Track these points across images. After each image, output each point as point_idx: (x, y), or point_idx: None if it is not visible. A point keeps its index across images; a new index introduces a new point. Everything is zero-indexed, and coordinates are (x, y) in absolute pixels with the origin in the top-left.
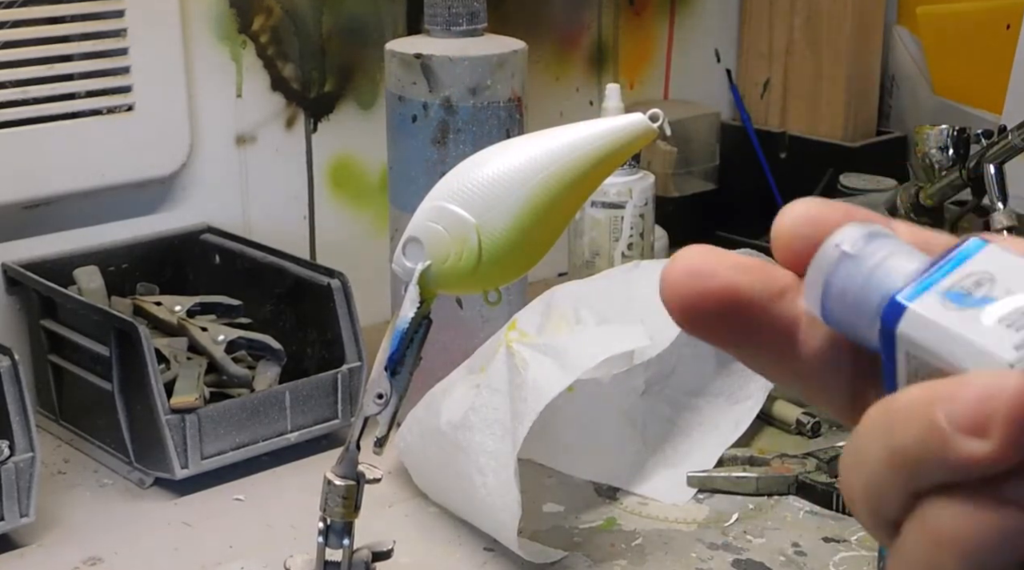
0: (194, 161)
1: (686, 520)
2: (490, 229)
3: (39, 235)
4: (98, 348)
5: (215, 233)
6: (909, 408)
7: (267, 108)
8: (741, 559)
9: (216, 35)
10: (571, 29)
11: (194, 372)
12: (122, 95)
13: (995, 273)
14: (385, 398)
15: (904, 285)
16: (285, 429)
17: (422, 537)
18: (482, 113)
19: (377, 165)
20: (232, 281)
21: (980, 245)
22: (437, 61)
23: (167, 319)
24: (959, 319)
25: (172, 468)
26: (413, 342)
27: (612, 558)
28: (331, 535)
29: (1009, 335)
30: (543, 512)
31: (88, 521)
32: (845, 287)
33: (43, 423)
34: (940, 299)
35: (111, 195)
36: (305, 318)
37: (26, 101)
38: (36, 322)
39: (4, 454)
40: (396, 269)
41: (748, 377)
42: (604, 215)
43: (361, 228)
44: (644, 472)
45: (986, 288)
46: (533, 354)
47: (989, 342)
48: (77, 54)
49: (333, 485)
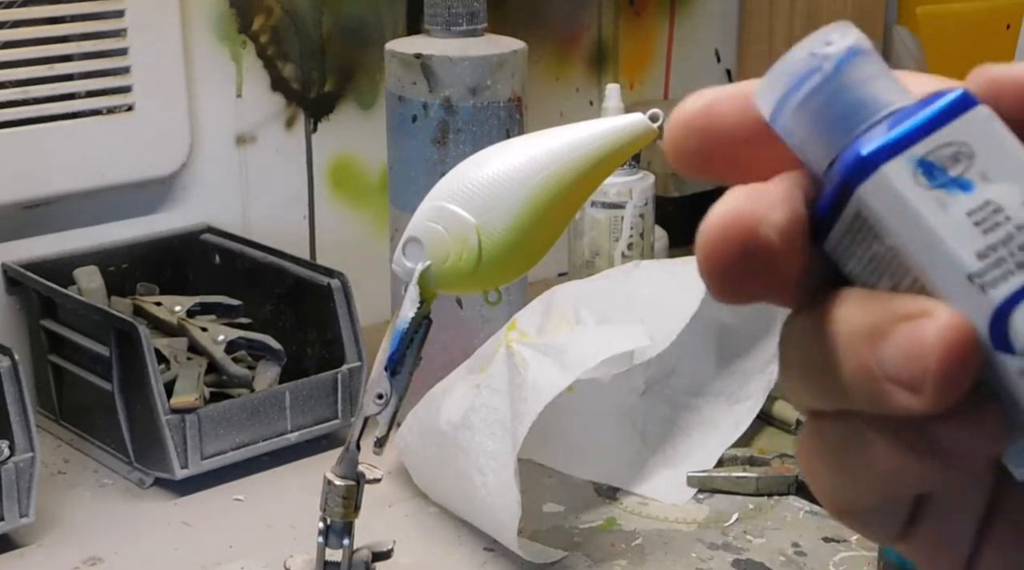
0: (194, 161)
1: (686, 520)
2: (490, 229)
3: (39, 235)
4: (98, 348)
5: (215, 233)
6: (848, 341)
7: (267, 108)
8: (741, 559)
9: (216, 35)
10: (571, 29)
11: (194, 372)
12: (122, 95)
13: (975, 148)
14: (385, 398)
15: (873, 129)
16: (285, 429)
17: (422, 537)
18: (482, 113)
19: (377, 165)
20: (232, 281)
21: (966, 103)
22: (437, 61)
23: (167, 319)
24: (927, 201)
25: (172, 468)
26: (413, 342)
27: (612, 558)
28: (331, 535)
29: (975, 237)
30: (543, 512)
31: (88, 521)
32: (809, 101)
33: (43, 423)
34: (913, 168)
35: (111, 195)
36: (305, 318)
37: (26, 101)
38: (36, 322)
39: (4, 454)
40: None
41: (748, 377)
42: (604, 215)
43: (361, 228)
44: (644, 472)
45: (963, 166)
46: (533, 354)
47: (953, 242)
48: (77, 54)
49: (333, 485)
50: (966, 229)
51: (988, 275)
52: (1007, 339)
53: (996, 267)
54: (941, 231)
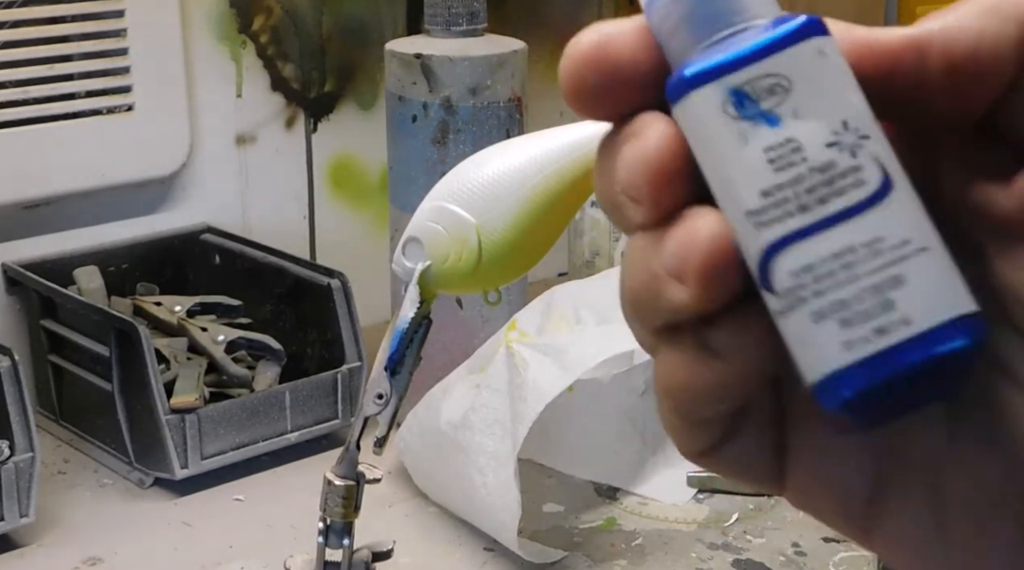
0: (194, 161)
1: (686, 520)
2: (490, 229)
3: (39, 235)
4: (98, 348)
5: (215, 233)
6: (637, 252)
7: (267, 108)
8: (741, 559)
9: (216, 35)
10: (571, 29)
11: (194, 372)
12: (122, 95)
13: (795, 82)
14: (385, 398)
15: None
16: (285, 429)
17: (422, 537)
18: (482, 113)
19: (377, 165)
20: (232, 281)
21: (804, 33)
22: (437, 61)
23: (167, 319)
24: (728, 132)
25: (172, 468)
26: (413, 342)
27: (612, 558)
28: (331, 535)
29: (765, 174)
30: (543, 512)
31: (88, 521)
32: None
33: (43, 423)
34: (724, 97)
35: (111, 195)
36: (305, 318)
37: (26, 101)
38: (36, 322)
39: (4, 454)
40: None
41: None
42: (604, 215)
43: (361, 228)
44: (644, 472)
45: (776, 100)
46: (533, 354)
47: (741, 176)
48: (77, 54)
49: (333, 485)
50: (759, 165)
51: (766, 214)
52: (769, 280)
53: (776, 207)
54: (732, 164)
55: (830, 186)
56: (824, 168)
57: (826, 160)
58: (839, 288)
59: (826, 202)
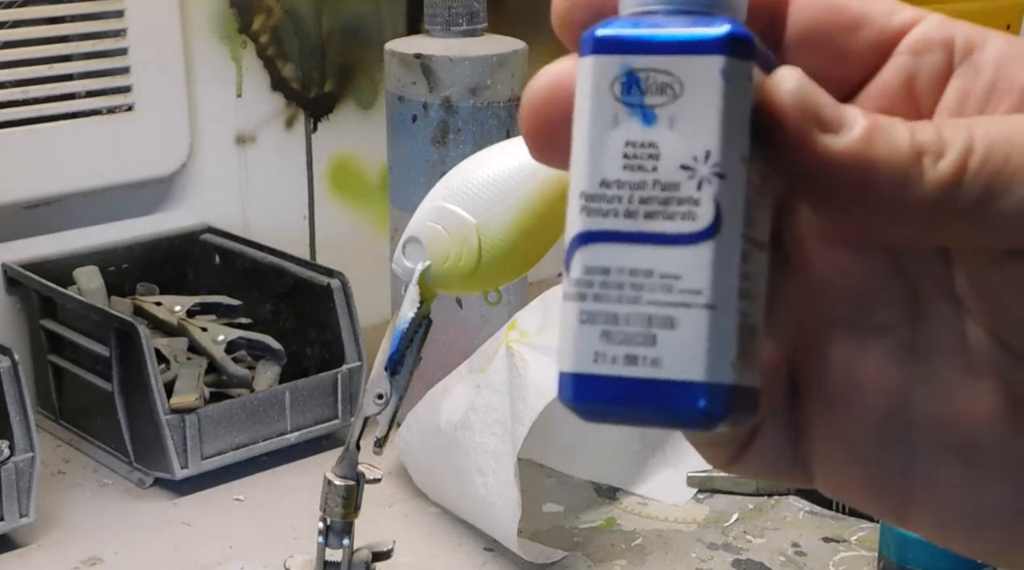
0: (194, 161)
1: (686, 520)
2: (490, 229)
3: (39, 235)
4: (98, 348)
5: (215, 233)
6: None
7: (267, 108)
8: (741, 559)
9: (216, 35)
10: None
11: (194, 372)
12: (122, 95)
13: (686, 91)
14: (385, 398)
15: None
16: (285, 429)
17: (422, 537)
18: (482, 113)
19: (377, 165)
20: (232, 281)
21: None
22: (437, 61)
23: (167, 319)
24: (605, 109)
25: (172, 468)
26: (413, 342)
27: (612, 558)
28: (331, 535)
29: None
30: (543, 512)
31: (88, 521)
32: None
33: (43, 423)
34: (618, 74)
35: (111, 195)
36: (305, 318)
37: (26, 101)
38: (36, 322)
39: (4, 454)
40: (396, 269)
41: None
42: None
43: (361, 228)
44: (644, 472)
45: (662, 99)
46: (533, 354)
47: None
48: (77, 54)
49: (333, 485)
50: (613, 155)
51: (595, 203)
52: (569, 262)
53: (605, 201)
54: (592, 142)
55: (664, 206)
56: (667, 186)
57: (673, 180)
58: (618, 302)
59: (652, 218)
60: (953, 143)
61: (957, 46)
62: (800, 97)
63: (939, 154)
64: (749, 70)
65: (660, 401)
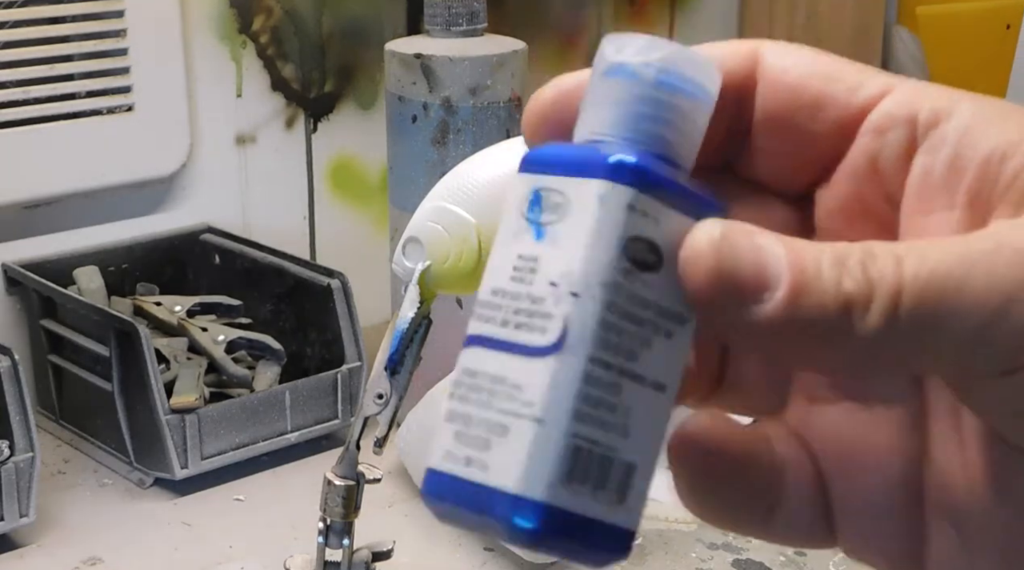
0: (194, 161)
1: (686, 520)
2: (490, 229)
3: (39, 235)
4: (98, 348)
5: (215, 233)
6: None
7: (267, 108)
8: (741, 559)
9: (216, 35)
10: (571, 29)
11: (194, 372)
12: (122, 95)
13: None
14: (385, 398)
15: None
16: (285, 429)
17: (422, 537)
18: (482, 113)
19: (377, 165)
20: (232, 281)
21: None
22: (437, 61)
23: (167, 319)
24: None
25: (172, 468)
26: (413, 342)
27: None
28: (331, 535)
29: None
30: None
31: (88, 521)
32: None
33: (43, 423)
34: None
35: (111, 195)
36: (305, 318)
37: (26, 101)
38: (36, 322)
39: (4, 454)
40: (396, 269)
41: None
42: None
43: (361, 228)
44: None
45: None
46: None
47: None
48: (77, 54)
49: (333, 485)
50: (506, 266)
51: (483, 309)
52: (459, 358)
53: (491, 308)
54: (498, 252)
55: (528, 318)
56: (536, 300)
57: (540, 295)
58: (474, 405)
59: (518, 329)
60: (879, 287)
61: (921, 120)
62: (716, 266)
63: (866, 303)
64: (630, 198)
65: (483, 507)
